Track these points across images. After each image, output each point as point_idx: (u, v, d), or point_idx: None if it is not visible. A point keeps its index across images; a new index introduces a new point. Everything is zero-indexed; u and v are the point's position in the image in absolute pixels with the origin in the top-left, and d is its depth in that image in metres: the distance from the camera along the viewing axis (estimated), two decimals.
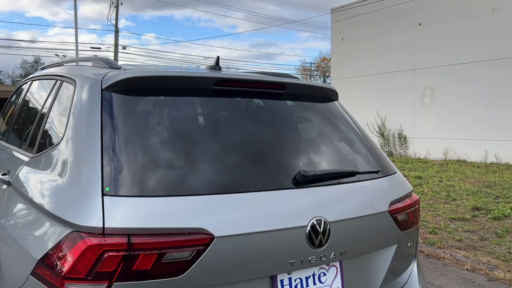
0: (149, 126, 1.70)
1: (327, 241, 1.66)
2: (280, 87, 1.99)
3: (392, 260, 1.94)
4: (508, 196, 6.83)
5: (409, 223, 2.01)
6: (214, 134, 1.75)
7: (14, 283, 1.59)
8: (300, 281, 1.67)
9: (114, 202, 1.39)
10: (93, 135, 1.57)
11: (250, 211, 1.56)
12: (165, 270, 1.37)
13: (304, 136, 2.03)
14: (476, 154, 11.28)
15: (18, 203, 1.88)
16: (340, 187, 1.83)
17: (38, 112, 2.39)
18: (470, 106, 11.51)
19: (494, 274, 4.15)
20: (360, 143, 2.12)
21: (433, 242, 5.08)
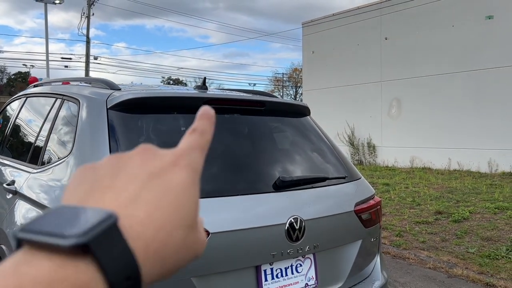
0: (149, 140, 1.97)
1: (303, 236, 1.97)
2: (260, 104, 2.30)
3: (358, 253, 2.26)
4: (467, 200, 7.34)
5: (372, 222, 2.34)
6: None
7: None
8: (280, 271, 1.96)
9: None
10: (101, 149, 1.83)
11: (239, 211, 1.85)
12: None
13: (281, 147, 2.34)
14: (440, 161, 11.91)
15: (28, 210, 2.11)
16: (313, 190, 2.15)
17: (39, 128, 2.61)
18: (433, 116, 12.16)
19: (453, 271, 4.55)
20: (329, 153, 2.46)
21: (399, 244, 5.47)
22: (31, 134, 2.75)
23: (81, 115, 2.09)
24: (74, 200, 0.30)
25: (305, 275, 2.04)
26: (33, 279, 0.25)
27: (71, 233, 0.26)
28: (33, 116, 2.98)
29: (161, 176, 0.32)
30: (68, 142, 2.10)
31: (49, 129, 2.42)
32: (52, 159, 2.20)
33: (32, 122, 2.91)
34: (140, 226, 0.29)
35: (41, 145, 2.44)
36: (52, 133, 2.37)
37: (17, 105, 3.42)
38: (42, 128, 2.56)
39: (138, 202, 0.30)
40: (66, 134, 2.21)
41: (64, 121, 2.32)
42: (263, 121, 2.37)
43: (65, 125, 2.27)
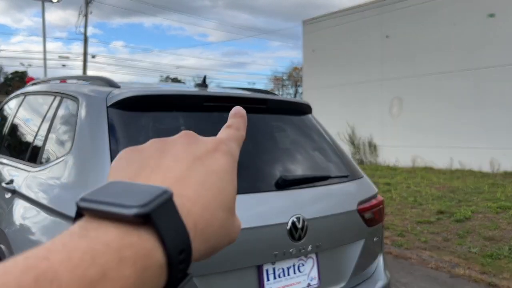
0: (150, 137, 1.94)
1: (305, 236, 1.94)
2: (261, 102, 2.27)
3: (361, 253, 2.23)
4: (469, 200, 7.30)
5: (374, 221, 2.31)
6: None
7: None
8: (282, 270, 1.94)
9: None
10: (101, 147, 1.80)
11: (240, 210, 1.81)
12: None
13: (283, 146, 2.31)
14: (442, 161, 11.87)
15: (28, 209, 2.08)
16: (315, 189, 2.12)
17: (38, 125, 2.59)
18: (435, 115, 12.13)
19: (456, 271, 4.52)
20: (331, 152, 2.43)
21: (401, 243, 5.44)
22: (30, 132, 2.73)
23: (80, 113, 2.06)
24: (124, 178, 0.31)
25: (307, 275, 2.01)
26: (105, 243, 0.26)
27: (133, 203, 0.27)
28: (31, 114, 2.95)
29: (204, 159, 0.34)
30: (67, 141, 2.07)
31: (48, 128, 2.39)
32: (51, 157, 2.17)
33: (31, 121, 2.89)
34: (189, 203, 0.31)
35: (40, 143, 2.41)
36: (51, 132, 2.34)
37: (15, 104, 3.39)
38: (41, 126, 2.53)
39: (185, 182, 0.32)
40: (65, 132, 2.18)
41: (63, 120, 2.29)
42: (265, 119, 2.34)
43: (64, 124, 2.25)
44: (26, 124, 2.99)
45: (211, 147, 0.36)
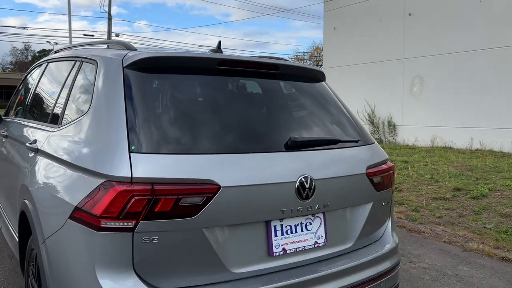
0: (165, 98, 2.01)
1: (313, 195, 1.99)
2: (274, 68, 2.30)
3: (368, 216, 2.28)
4: (488, 178, 7.23)
5: (383, 185, 2.35)
6: (220, 106, 2.07)
7: (52, 228, 1.90)
8: (290, 227, 2.00)
9: (139, 158, 1.71)
10: (118, 106, 1.88)
11: (250, 168, 1.89)
12: (181, 211, 1.69)
13: (294, 110, 2.36)
14: (462, 141, 11.69)
15: (50, 165, 2.19)
16: (324, 152, 2.16)
17: (59, 89, 2.69)
18: (457, 95, 11.90)
19: (469, 246, 4.54)
20: (343, 117, 2.46)
21: (415, 218, 5.46)
22: (52, 96, 2.83)
23: (98, 75, 2.14)
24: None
25: (314, 233, 2.08)
26: None
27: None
28: (53, 79, 3.06)
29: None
30: (86, 102, 2.16)
31: (69, 91, 2.49)
32: (70, 118, 2.27)
33: (53, 85, 2.99)
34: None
35: (61, 106, 2.51)
36: (71, 94, 2.43)
37: (38, 71, 3.50)
38: (62, 90, 2.63)
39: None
40: (84, 94, 2.27)
41: (82, 82, 2.38)
42: (277, 84, 2.38)
43: (83, 86, 2.33)
44: (48, 89, 3.10)
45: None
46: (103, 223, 1.64)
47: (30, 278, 2.45)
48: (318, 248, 2.09)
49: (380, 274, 2.25)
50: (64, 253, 1.82)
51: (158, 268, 1.70)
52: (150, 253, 1.67)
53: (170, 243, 1.69)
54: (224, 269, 1.82)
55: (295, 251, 2.01)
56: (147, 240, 1.66)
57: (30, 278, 2.46)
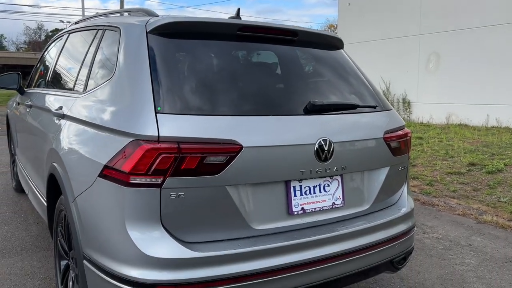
0: (187, 62, 2.06)
1: (331, 157, 2.05)
2: (293, 34, 2.34)
3: (385, 179, 2.34)
4: (503, 153, 7.19)
5: (400, 150, 2.39)
6: (241, 71, 2.12)
7: (82, 187, 2.00)
8: (309, 188, 2.07)
9: (165, 118, 1.78)
10: (143, 69, 1.94)
11: (271, 129, 1.95)
12: (206, 169, 1.77)
13: (313, 76, 2.40)
14: (477, 118, 11.57)
15: (77, 128, 2.28)
16: (343, 116, 2.21)
17: (82, 58, 2.76)
18: (473, 71, 11.71)
19: (483, 218, 4.57)
20: (361, 84, 2.49)
21: (429, 192, 5.49)
22: (75, 65, 2.91)
23: (122, 41, 2.20)
24: None
25: (332, 195, 2.14)
26: None
27: None
28: (75, 49, 3.13)
29: None
30: (110, 67, 2.22)
31: (92, 58, 2.55)
32: (95, 84, 2.34)
33: (75, 55, 3.07)
34: None
35: (84, 73, 2.58)
36: (95, 62, 2.50)
37: (59, 43, 3.58)
38: (85, 58, 2.70)
39: None
40: (108, 60, 2.33)
41: (106, 49, 2.44)
42: (297, 50, 2.41)
43: (107, 53, 2.40)
44: (70, 58, 3.18)
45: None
46: (132, 179, 1.73)
47: (59, 238, 2.58)
48: (336, 209, 2.16)
49: (395, 236, 2.32)
50: (95, 208, 1.92)
51: (184, 222, 1.79)
52: (177, 208, 1.76)
53: (195, 199, 1.77)
54: (246, 225, 1.90)
55: (314, 211, 2.08)
56: (174, 195, 1.74)
57: (59, 239, 2.58)
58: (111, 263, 1.80)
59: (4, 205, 4.65)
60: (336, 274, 2.07)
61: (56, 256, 2.65)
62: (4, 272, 3.12)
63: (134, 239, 1.73)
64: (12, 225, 4.05)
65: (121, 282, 1.76)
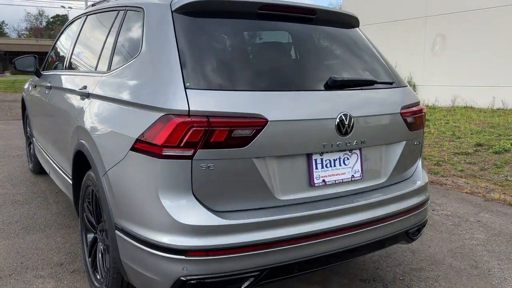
0: (213, 39, 2.13)
1: (351, 131, 2.13)
2: (311, 12, 2.40)
3: (402, 154, 2.42)
4: (510, 134, 7.26)
5: (416, 126, 2.47)
6: (264, 47, 2.20)
7: (113, 160, 2.09)
8: (329, 161, 2.16)
9: (194, 93, 1.86)
10: (170, 47, 2.01)
11: (294, 104, 2.03)
12: (233, 142, 1.86)
13: (332, 53, 2.47)
14: (483, 100, 11.59)
15: (105, 106, 2.37)
16: (362, 92, 2.29)
17: (104, 38, 2.82)
18: (479, 53, 11.69)
19: (490, 196, 4.67)
20: (377, 62, 2.56)
21: (437, 171, 5.58)
22: (96, 46, 2.98)
23: (146, 21, 2.26)
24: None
25: (351, 168, 2.23)
26: None
27: None
28: (96, 30, 3.19)
29: None
30: (136, 46, 2.29)
31: (115, 39, 2.62)
32: (121, 63, 2.41)
33: (96, 36, 3.13)
34: None
35: (108, 54, 2.65)
36: (118, 42, 2.57)
37: (77, 25, 3.64)
38: (107, 39, 2.77)
39: None
40: (132, 40, 2.40)
41: (129, 29, 2.51)
42: (315, 28, 2.48)
43: (131, 33, 2.46)
44: (91, 39, 3.25)
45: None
46: (165, 152, 1.81)
47: (86, 213, 2.68)
48: (355, 181, 2.25)
49: (411, 208, 2.41)
50: (127, 180, 2.01)
51: (214, 192, 1.88)
52: (207, 179, 1.85)
53: (224, 170, 1.87)
54: (271, 196, 2.00)
55: (334, 183, 2.17)
56: (204, 167, 1.83)
57: (85, 214, 2.69)
58: (144, 231, 1.90)
59: (23, 186, 4.77)
60: (355, 243, 2.17)
61: (82, 230, 2.76)
62: (31, 248, 3.24)
63: (167, 208, 1.83)
64: (33, 205, 4.17)
65: (153, 248, 1.87)
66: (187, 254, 1.81)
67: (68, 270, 2.92)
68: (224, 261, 1.85)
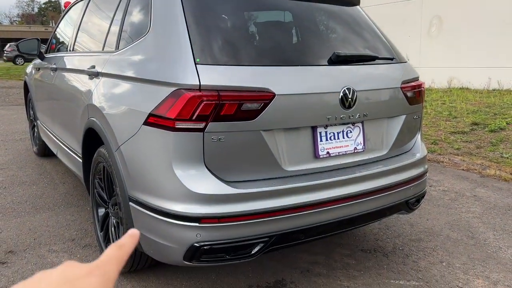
0: (221, 16, 2.20)
1: (354, 105, 2.22)
2: None
3: (401, 127, 2.52)
4: (505, 113, 7.37)
5: (415, 100, 2.57)
6: (272, 25, 2.28)
7: (126, 135, 2.17)
8: (333, 134, 2.25)
9: (204, 68, 1.94)
10: (179, 24, 2.08)
11: (300, 79, 2.11)
12: (243, 115, 1.94)
13: (335, 30, 2.54)
14: (479, 81, 11.67)
15: (116, 83, 2.44)
16: (364, 67, 2.38)
17: (110, 18, 2.88)
18: (476, 34, 11.74)
19: (486, 172, 4.79)
20: (378, 38, 2.64)
21: (434, 150, 5.70)
22: (103, 26, 3.03)
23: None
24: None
25: (354, 140, 2.33)
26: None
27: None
28: (101, 10, 3.24)
29: (74, 282, 0.42)
30: (144, 24, 2.36)
31: (122, 17, 2.68)
32: (129, 40, 2.48)
33: (102, 16, 3.18)
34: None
35: (115, 32, 2.71)
36: (125, 20, 2.63)
37: (81, 6, 3.68)
38: (114, 18, 2.82)
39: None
40: (140, 18, 2.46)
41: (136, 8, 2.56)
42: (318, 6, 2.55)
43: (138, 11, 2.52)
44: (97, 19, 3.30)
45: (85, 271, 0.43)
46: (177, 125, 1.90)
47: (97, 189, 2.78)
48: (357, 153, 2.35)
49: (411, 179, 2.51)
50: (140, 153, 2.10)
51: (225, 163, 1.97)
52: (218, 150, 1.94)
53: (234, 142, 1.96)
54: (279, 167, 2.09)
55: (338, 155, 2.27)
56: (215, 139, 1.92)
57: (96, 190, 2.78)
58: (159, 201, 2.00)
59: (29, 168, 4.86)
60: (358, 211, 2.28)
61: (93, 206, 2.85)
62: (42, 225, 3.34)
63: (181, 178, 1.92)
64: (40, 185, 4.26)
65: (168, 217, 1.97)
66: (200, 222, 1.91)
67: (80, 245, 3.02)
68: (235, 227, 1.95)
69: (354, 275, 2.66)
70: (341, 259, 2.86)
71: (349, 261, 2.83)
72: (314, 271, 2.69)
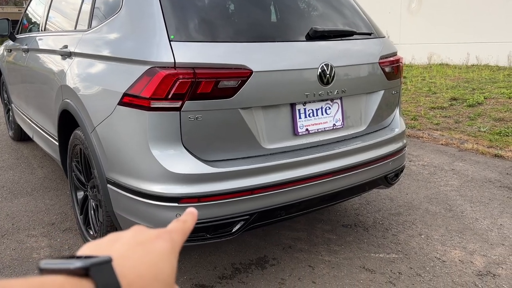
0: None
1: (333, 81, 2.21)
2: None
3: (380, 102, 2.52)
4: (483, 88, 7.47)
5: (393, 75, 2.57)
6: (247, 0, 2.22)
7: (101, 116, 2.13)
8: (312, 111, 2.24)
9: (179, 45, 1.89)
10: (152, 0, 2.02)
11: (277, 55, 2.09)
12: (220, 93, 1.91)
13: (314, 6, 2.51)
14: (458, 57, 11.78)
15: (89, 63, 2.37)
16: (342, 42, 2.35)
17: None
18: (455, 10, 11.79)
19: (464, 146, 4.87)
20: (357, 14, 2.62)
21: (414, 125, 5.76)
22: (74, 5, 2.93)
23: None
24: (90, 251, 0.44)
25: (333, 117, 2.33)
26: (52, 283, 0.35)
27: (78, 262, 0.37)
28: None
29: (145, 244, 0.44)
30: (116, 2, 2.29)
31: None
32: (101, 20, 2.40)
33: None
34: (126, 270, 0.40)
35: (87, 11, 2.63)
36: (97, 1, 2.54)
37: None
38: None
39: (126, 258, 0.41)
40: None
41: None
42: None
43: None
44: (67, 1, 3.18)
45: (153, 235, 0.45)
46: (153, 104, 1.86)
47: (74, 172, 2.73)
48: (336, 129, 2.35)
49: (389, 154, 2.53)
50: (116, 134, 2.06)
51: (203, 142, 1.95)
52: (196, 129, 1.91)
53: (212, 121, 1.93)
54: (258, 145, 2.08)
55: (317, 132, 2.27)
56: (192, 118, 1.89)
57: (74, 173, 2.74)
58: (137, 182, 1.97)
59: (5, 153, 4.75)
60: (337, 187, 2.29)
61: (72, 189, 2.81)
62: (20, 210, 3.28)
63: (158, 158, 1.89)
64: (17, 170, 4.18)
65: (147, 198, 1.94)
66: (180, 201, 1.90)
67: (60, 229, 2.99)
68: (215, 206, 1.94)
69: (335, 250, 2.69)
70: (323, 234, 2.89)
71: (330, 236, 2.87)
72: (296, 247, 2.72)
